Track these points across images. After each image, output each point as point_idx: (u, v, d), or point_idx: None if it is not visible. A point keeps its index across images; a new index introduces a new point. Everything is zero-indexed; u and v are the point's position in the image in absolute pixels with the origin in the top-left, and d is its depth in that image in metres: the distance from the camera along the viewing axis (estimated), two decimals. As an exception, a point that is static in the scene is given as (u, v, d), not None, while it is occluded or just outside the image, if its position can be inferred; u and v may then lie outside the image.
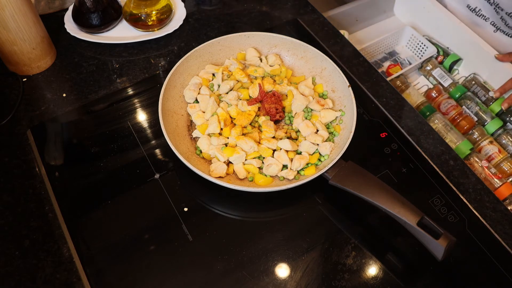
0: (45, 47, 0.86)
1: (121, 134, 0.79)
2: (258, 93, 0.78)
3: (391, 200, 0.63)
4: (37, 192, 0.72)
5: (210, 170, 0.71)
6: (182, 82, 0.81)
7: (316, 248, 0.68)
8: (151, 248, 0.67)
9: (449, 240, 0.61)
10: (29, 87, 0.85)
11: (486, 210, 0.72)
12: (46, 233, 0.68)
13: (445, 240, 0.60)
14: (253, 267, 0.66)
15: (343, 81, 0.79)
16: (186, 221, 0.69)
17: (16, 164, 0.75)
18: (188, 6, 1.00)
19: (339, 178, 0.68)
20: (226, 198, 0.72)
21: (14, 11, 0.76)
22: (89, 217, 0.70)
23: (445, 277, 0.67)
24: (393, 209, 0.62)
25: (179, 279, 0.65)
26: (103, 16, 0.90)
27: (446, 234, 0.61)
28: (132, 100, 0.84)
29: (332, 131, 0.77)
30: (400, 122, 0.83)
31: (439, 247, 0.60)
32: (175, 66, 0.79)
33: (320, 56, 0.83)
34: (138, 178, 0.74)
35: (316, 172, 0.70)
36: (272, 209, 0.72)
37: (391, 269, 0.67)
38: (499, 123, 0.96)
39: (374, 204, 0.63)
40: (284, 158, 0.72)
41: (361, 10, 1.17)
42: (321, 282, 0.65)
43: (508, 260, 0.67)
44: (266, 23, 0.99)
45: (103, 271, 0.65)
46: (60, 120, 0.81)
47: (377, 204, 0.63)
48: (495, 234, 0.70)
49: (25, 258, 0.66)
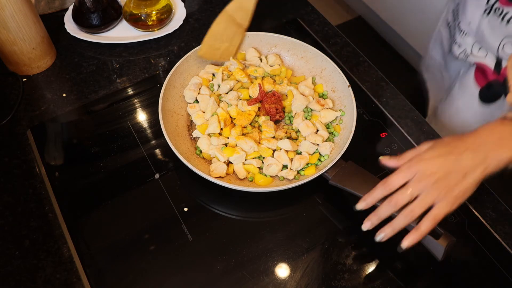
0: (45, 47, 0.86)
1: (121, 134, 0.79)
2: (258, 93, 0.78)
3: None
4: (37, 192, 0.72)
5: (210, 170, 0.71)
6: (182, 82, 0.81)
7: (316, 248, 0.68)
8: (151, 248, 0.67)
9: (449, 240, 0.61)
10: (29, 87, 0.85)
11: (486, 210, 0.72)
12: (46, 233, 0.68)
13: (445, 240, 0.60)
14: (253, 267, 0.66)
15: (343, 81, 0.79)
16: (186, 221, 0.69)
17: (16, 164, 0.75)
18: (188, 6, 1.00)
19: (339, 178, 0.68)
20: (226, 198, 0.72)
21: (14, 11, 0.76)
22: (89, 217, 0.70)
23: (445, 277, 0.67)
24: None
25: (179, 279, 0.65)
26: (103, 16, 0.90)
27: (446, 234, 0.61)
28: (132, 100, 0.84)
29: (332, 131, 0.77)
30: (400, 122, 0.83)
31: (439, 247, 0.60)
32: (175, 66, 0.79)
33: (320, 56, 0.83)
34: (138, 178, 0.74)
35: (316, 172, 0.70)
36: (272, 209, 0.72)
37: (391, 269, 0.67)
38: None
39: (376, 205, 0.63)
40: (284, 158, 0.72)
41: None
42: (321, 282, 0.65)
43: (508, 260, 0.67)
44: (266, 23, 0.99)
45: (103, 271, 0.65)
46: (60, 120, 0.81)
47: (377, 204, 0.63)
48: (495, 234, 0.70)
49: (25, 258, 0.66)
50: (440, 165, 0.58)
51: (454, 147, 0.59)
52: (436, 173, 0.58)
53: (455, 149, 0.59)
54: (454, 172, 0.58)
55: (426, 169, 0.58)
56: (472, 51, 0.88)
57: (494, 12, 0.78)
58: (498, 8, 0.77)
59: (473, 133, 0.60)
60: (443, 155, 0.58)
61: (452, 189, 0.58)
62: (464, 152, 0.58)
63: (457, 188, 0.58)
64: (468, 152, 0.58)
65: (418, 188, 0.58)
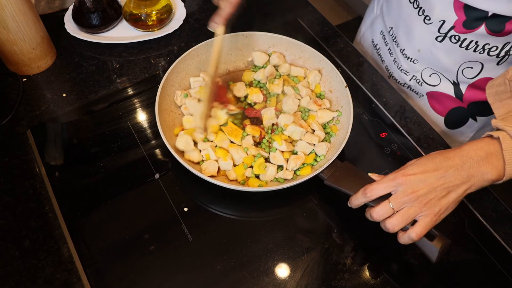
0: (45, 47, 0.86)
1: (121, 134, 0.79)
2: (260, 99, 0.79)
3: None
4: (37, 192, 0.72)
5: (202, 169, 0.71)
6: (179, 81, 0.81)
7: (316, 248, 0.68)
8: (151, 248, 0.67)
9: (444, 242, 0.60)
10: (29, 87, 0.85)
11: (486, 210, 0.72)
12: (46, 233, 0.68)
13: (440, 242, 0.60)
14: (253, 267, 0.66)
15: (341, 82, 0.79)
16: (186, 221, 0.69)
17: (16, 164, 0.75)
18: (188, 6, 1.00)
19: (334, 178, 0.68)
20: (225, 198, 0.72)
21: (14, 11, 0.76)
22: (89, 217, 0.70)
23: (445, 277, 0.67)
24: None
25: (179, 279, 0.65)
26: (103, 16, 0.90)
27: (441, 236, 0.61)
28: (132, 100, 0.84)
29: (329, 132, 0.77)
30: (400, 122, 0.83)
31: (433, 248, 0.60)
32: (172, 65, 0.79)
33: (318, 56, 0.83)
34: (138, 178, 0.74)
35: (311, 172, 0.70)
36: (271, 208, 0.72)
37: (391, 269, 0.67)
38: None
39: (369, 204, 0.63)
40: (279, 158, 0.72)
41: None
42: (321, 282, 0.65)
43: (508, 260, 0.67)
44: (266, 23, 0.99)
45: (103, 271, 0.65)
46: (60, 120, 0.81)
47: (371, 205, 0.63)
48: (495, 234, 0.70)
49: (25, 258, 0.66)
50: (423, 182, 0.58)
51: (439, 163, 0.59)
52: (419, 190, 0.58)
53: (440, 165, 0.58)
54: (438, 189, 0.58)
55: (409, 186, 0.58)
56: (422, 77, 0.87)
57: (450, 39, 0.77)
58: (454, 35, 0.76)
59: (459, 149, 0.59)
60: (428, 171, 0.58)
61: (434, 204, 0.58)
62: (449, 169, 0.58)
63: (439, 204, 0.58)
64: (453, 170, 0.58)
65: (400, 202, 0.59)
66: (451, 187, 0.58)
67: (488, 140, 0.59)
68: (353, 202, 0.64)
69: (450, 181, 0.58)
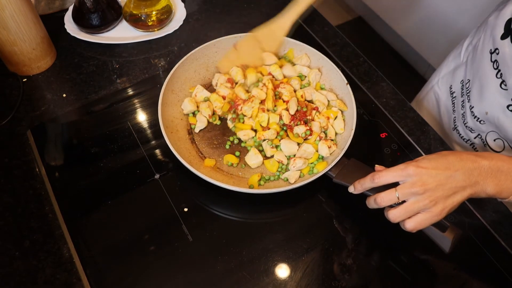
0: (45, 48, 0.86)
1: (121, 135, 0.79)
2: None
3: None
4: (37, 193, 0.72)
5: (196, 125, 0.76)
6: (180, 86, 0.81)
7: (316, 249, 0.68)
8: (151, 249, 0.67)
9: (456, 232, 0.61)
10: (29, 87, 0.85)
11: (486, 210, 0.72)
12: (46, 233, 0.68)
13: (452, 232, 0.61)
14: (253, 267, 0.66)
15: (341, 79, 0.79)
16: (186, 222, 0.69)
17: (16, 164, 0.75)
18: (188, 7, 1.00)
19: (343, 175, 0.68)
20: (225, 199, 0.72)
21: (14, 11, 0.76)
22: (89, 217, 0.70)
23: (445, 277, 0.67)
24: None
25: (179, 279, 0.65)
26: (103, 17, 0.90)
27: (453, 226, 0.61)
28: (132, 100, 0.84)
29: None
30: (400, 122, 0.83)
31: (446, 239, 0.61)
32: (172, 71, 0.79)
33: (317, 54, 0.83)
34: (138, 179, 0.74)
35: (327, 166, 0.70)
36: (272, 210, 0.72)
37: (391, 269, 0.67)
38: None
39: (367, 194, 0.63)
40: (309, 151, 0.72)
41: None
42: (321, 282, 0.65)
43: (508, 260, 0.67)
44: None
45: (103, 271, 0.65)
46: (60, 121, 0.81)
47: (369, 194, 0.63)
48: (495, 234, 0.70)
49: (25, 259, 0.66)
50: (433, 177, 0.58)
51: (452, 163, 0.59)
52: (428, 184, 0.58)
53: (451, 165, 0.59)
54: (446, 187, 0.58)
55: (419, 178, 0.58)
56: (486, 140, 0.82)
57: None
58: None
59: (475, 155, 0.60)
60: (440, 168, 0.58)
61: (439, 202, 0.58)
62: (459, 170, 0.58)
63: (444, 203, 0.58)
64: (463, 172, 0.58)
65: (407, 193, 0.59)
66: (458, 188, 0.58)
67: (507, 158, 0.59)
68: (358, 187, 0.63)
69: (458, 182, 0.58)
